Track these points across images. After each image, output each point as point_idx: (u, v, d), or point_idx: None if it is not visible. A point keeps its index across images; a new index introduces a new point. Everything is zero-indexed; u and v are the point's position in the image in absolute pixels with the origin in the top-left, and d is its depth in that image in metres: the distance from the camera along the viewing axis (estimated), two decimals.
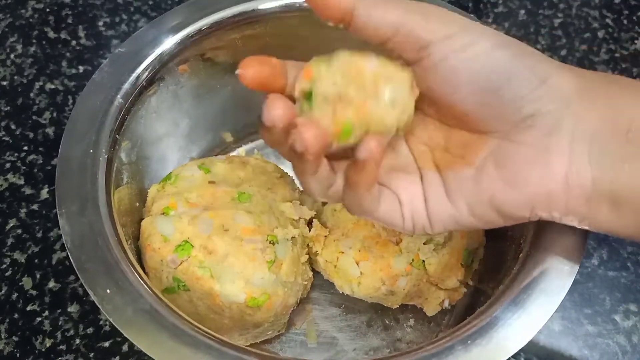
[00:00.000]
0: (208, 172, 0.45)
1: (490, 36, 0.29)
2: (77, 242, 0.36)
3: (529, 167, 0.30)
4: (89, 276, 0.35)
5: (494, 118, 0.30)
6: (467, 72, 0.29)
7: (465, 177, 0.32)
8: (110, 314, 0.34)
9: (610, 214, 0.30)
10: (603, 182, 0.29)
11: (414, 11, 0.29)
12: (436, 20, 0.29)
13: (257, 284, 0.40)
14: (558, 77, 0.30)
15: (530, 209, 0.31)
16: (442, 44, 0.29)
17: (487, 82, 0.29)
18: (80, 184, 0.39)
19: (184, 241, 0.40)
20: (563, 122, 0.30)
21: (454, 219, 0.32)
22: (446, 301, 0.45)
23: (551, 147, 0.30)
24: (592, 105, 0.30)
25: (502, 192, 0.31)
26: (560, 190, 0.30)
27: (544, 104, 0.29)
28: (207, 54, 0.48)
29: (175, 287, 0.40)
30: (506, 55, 0.29)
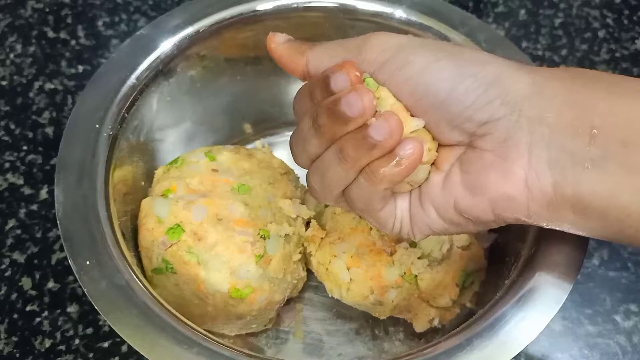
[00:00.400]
0: (213, 160, 0.46)
1: (427, 51, 0.30)
2: (68, 212, 0.37)
3: (488, 173, 0.30)
4: (73, 246, 0.36)
5: (451, 131, 0.30)
6: (407, 92, 0.30)
7: (435, 183, 0.32)
8: (85, 285, 0.35)
9: (575, 218, 0.29)
10: (565, 186, 0.29)
11: (351, 49, 0.31)
12: (371, 50, 0.30)
13: (243, 276, 0.40)
14: (508, 79, 0.29)
15: (492, 212, 0.31)
16: (380, 71, 0.30)
17: (430, 98, 0.30)
18: (82, 157, 0.40)
19: (176, 225, 0.41)
20: (519, 127, 0.29)
21: (427, 225, 0.33)
22: (436, 319, 0.44)
23: (509, 152, 0.29)
24: (549, 104, 0.29)
25: (464, 197, 0.31)
26: (520, 195, 0.30)
27: (495, 110, 0.29)
28: (227, 44, 0.48)
29: (164, 268, 0.41)
30: (443, 67, 0.29)
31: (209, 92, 0.51)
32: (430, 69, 0.29)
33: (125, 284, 0.35)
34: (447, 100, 0.29)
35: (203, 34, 0.46)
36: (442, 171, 0.32)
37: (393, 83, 0.30)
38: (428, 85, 0.29)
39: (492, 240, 0.45)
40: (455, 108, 0.29)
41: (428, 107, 0.30)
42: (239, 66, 0.50)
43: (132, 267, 0.37)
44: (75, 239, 0.36)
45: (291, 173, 0.48)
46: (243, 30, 0.48)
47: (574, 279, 0.35)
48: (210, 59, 0.48)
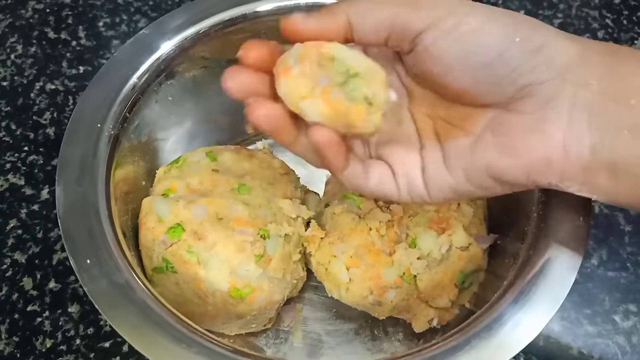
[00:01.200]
0: (214, 160, 0.46)
1: (478, 13, 0.30)
2: (69, 210, 0.38)
3: (526, 135, 0.30)
4: (73, 245, 0.36)
5: (490, 92, 0.31)
6: (456, 52, 0.30)
7: (464, 146, 0.32)
8: (85, 283, 0.35)
9: (608, 182, 0.30)
10: (602, 149, 0.29)
11: (402, 3, 0.30)
12: (424, 7, 0.30)
13: (242, 275, 0.41)
14: (554, 45, 0.30)
15: (526, 176, 0.31)
16: (432, 29, 0.29)
17: (478, 59, 0.30)
18: (83, 156, 0.40)
19: (176, 224, 0.41)
20: (561, 91, 0.29)
21: (452, 188, 0.33)
22: (435, 320, 0.44)
23: (549, 115, 0.30)
24: (591, 73, 0.29)
25: (498, 159, 0.31)
26: (557, 157, 0.30)
27: (540, 74, 0.29)
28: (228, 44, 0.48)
29: (164, 267, 0.41)
30: (495, 30, 0.29)
31: (210, 92, 0.51)
32: (482, 30, 0.29)
33: (125, 283, 0.35)
34: (494, 62, 0.29)
35: (204, 35, 0.46)
36: (472, 134, 0.32)
37: (443, 43, 0.30)
38: (477, 46, 0.29)
39: (492, 241, 0.45)
40: (500, 69, 0.30)
41: (473, 67, 0.30)
42: None
43: (132, 266, 0.37)
44: (75, 237, 0.37)
45: (291, 173, 0.48)
46: (244, 30, 0.48)
47: (573, 279, 0.35)
48: (211, 60, 0.48)
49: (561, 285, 0.35)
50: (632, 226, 0.52)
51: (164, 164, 0.48)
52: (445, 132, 0.33)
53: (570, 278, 0.35)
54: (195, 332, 0.35)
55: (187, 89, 0.49)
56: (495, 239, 0.45)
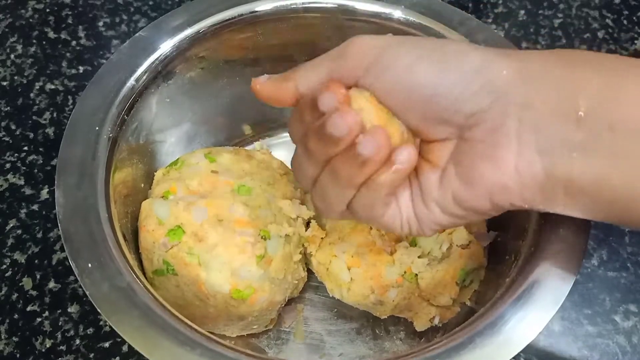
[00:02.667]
0: (213, 162, 0.46)
1: (408, 51, 0.30)
2: (68, 214, 0.37)
3: (480, 163, 0.30)
4: (74, 248, 0.36)
5: (441, 125, 0.31)
6: (395, 92, 0.30)
7: (432, 180, 0.32)
8: (87, 287, 0.35)
9: (567, 201, 0.30)
10: (555, 172, 0.29)
11: (334, 57, 0.32)
12: (354, 56, 0.31)
13: (244, 276, 0.41)
14: (492, 67, 0.29)
15: (489, 202, 0.31)
16: (366, 75, 0.31)
17: (417, 96, 0.30)
18: (82, 159, 0.40)
19: (176, 226, 0.41)
20: (506, 115, 0.29)
21: (434, 222, 0.33)
22: (437, 318, 0.44)
23: (499, 141, 0.30)
24: (534, 89, 0.29)
25: (460, 189, 0.31)
26: (512, 182, 0.30)
27: (481, 100, 0.29)
28: (226, 45, 0.48)
29: (165, 270, 0.41)
30: (426, 65, 0.30)
31: (209, 93, 0.51)
32: (414, 67, 0.30)
33: (127, 286, 0.35)
34: (433, 96, 0.30)
35: (203, 35, 0.46)
36: (439, 167, 0.32)
37: (379, 86, 0.30)
38: (413, 83, 0.30)
39: (492, 239, 0.45)
40: (442, 102, 0.30)
41: (416, 105, 0.30)
42: (238, 67, 0.50)
43: (133, 269, 0.37)
44: (76, 241, 0.36)
45: (290, 174, 0.48)
46: (242, 31, 0.48)
47: (574, 278, 0.35)
48: (209, 61, 0.48)
49: (563, 283, 0.35)
50: None
51: (163, 166, 0.47)
52: (419, 167, 0.33)
53: (572, 276, 0.35)
54: (198, 334, 0.35)
55: (185, 90, 0.49)
56: (495, 236, 0.45)
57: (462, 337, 0.34)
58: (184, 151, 0.49)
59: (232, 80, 0.51)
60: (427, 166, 0.33)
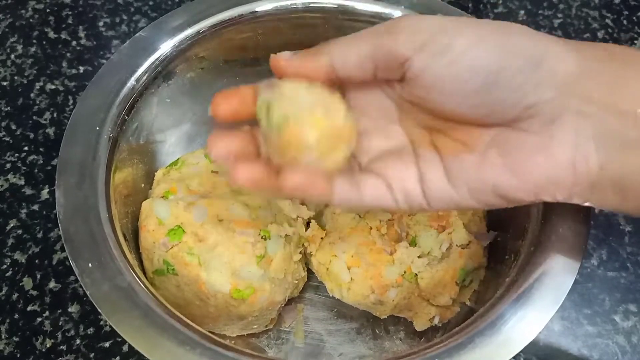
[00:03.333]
0: (213, 162, 0.46)
1: (466, 32, 0.28)
2: (69, 214, 0.37)
3: (533, 156, 0.29)
4: (74, 248, 0.36)
5: (492, 115, 0.29)
6: (451, 78, 0.28)
7: (467, 163, 0.31)
8: (87, 287, 0.35)
9: (616, 197, 0.29)
10: (610, 168, 0.28)
11: (381, 33, 0.29)
12: (405, 34, 0.28)
13: (244, 276, 0.41)
14: (554, 56, 0.28)
15: (534, 195, 0.30)
16: (419, 55, 0.28)
17: (475, 84, 0.28)
18: (82, 159, 0.40)
19: (176, 226, 0.41)
20: (566, 108, 0.28)
21: (454, 201, 0.32)
22: (437, 318, 0.44)
23: (555, 134, 0.29)
24: (594, 84, 0.28)
25: (506, 180, 0.30)
26: (565, 177, 0.29)
27: (543, 91, 0.28)
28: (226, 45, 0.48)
29: (165, 269, 0.41)
30: (488, 50, 0.28)
31: (209, 93, 0.50)
32: (475, 50, 0.28)
33: (128, 286, 0.35)
34: (494, 83, 0.28)
35: (203, 36, 0.46)
36: (475, 151, 0.31)
37: (434, 68, 0.28)
38: (473, 67, 0.28)
39: (492, 239, 0.45)
40: (501, 92, 0.28)
41: (471, 92, 0.28)
42: (238, 67, 0.50)
43: (133, 269, 0.37)
44: (76, 241, 0.37)
45: None
46: (242, 31, 0.48)
47: (573, 278, 0.35)
48: (209, 61, 0.49)
49: (562, 282, 0.35)
50: (632, 226, 0.52)
51: (163, 166, 0.48)
52: (444, 146, 0.32)
53: (572, 275, 0.35)
54: (198, 333, 0.35)
55: (185, 90, 0.49)
56: (495, 236, 0.45)
57: (462, 337, 0.34)
58: (184, 151, 0.50)
59: (232, 80, 0.51)
60: (459, 148, 0.31)
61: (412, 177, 0.32)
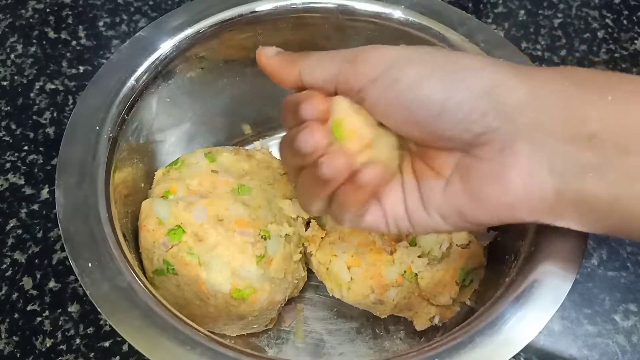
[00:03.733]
0: (213, 161, 0.46)
1: (418, 66, 0.30)
2: (69, 213, 0.37)
3: (487, 183, 0.30)
4: (74, 247, 0.36)
5: (448, 140, 0.30)
6: (401, 107, 0.30)
7: (435, 188, 0.32)
8: (87, 287, 0.35)
9: (578, 218, 0.30)
10: (566, 192, 0.29)
11: (345, 59, 0.31)
12: (363, 64, 0.30)
13: (244, 276, 0.41)
14: (503, 88, 0.29)
15: (496, 218, 0.31)
16: (371, 87, 0.30)
17: (422, 114, 0.30)
18: (82, 159, 0.40)
19: (176, 226, 0.41)
20: (516, 136, 0.29)
21: (431, 227, 0.33)
22: (437, 317, 0.44)
23: (507, 161, 0.29)
24: (546, 112, 0.29)
25: (467, 205, 0.31)
26: (520, 202, 0.30)
27: (491, 120, 0.29)
28: (226, 45, 0.48)
29: (165, 269, 0.41)
30: (433, 83, 0.29)
31: (208, 93, 0.51)
32: (421, 84, 0.29)
33: (128, 286, 0.35)
34: (440, 114, 0.29)
35: (203, 35, 0.46)
36: (443, 177, 0.32)
37: (384, 99, 0.30)
38: (420, 100, 0.29)
39: (492, 239, 0.45)
40: (449, 121, 0.29)
41: (422, 121, 0.30)
42: (238, 67, 0.50)
43: (133, 269, 0.37)
44: (76, 240, 0.36)
45: None
46: (242, 31, 0.48)
47: (574, 277, 0.35)
48: (209, 60, 0.48)
49: (562, 282, 0.35)
50: None
51: (163, 165, 0.47)
52: (420, 171, 0.33)
53: (572, 275, 0.35)
54: (198, 333, 0.35)
55: (185, 90, 0.49)
56: (495, 236, 0.45)
57: (462, 337, 0.34)
58: (184, 151, 0.50)
59: (232, 80, 0.51)
60: (430, 173, 0.32)
61: (400, 202, 0.33)
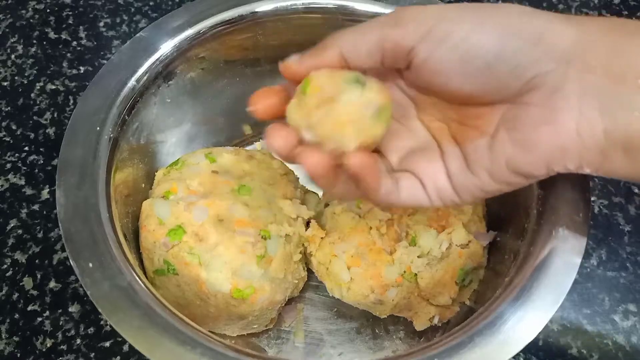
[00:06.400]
0: (213, 162, 0.46)
1: (466, 19, 0.30)
2: (69, 214, 0.37)
3: (539, 128, 0.30)
4: (75, 248, 0.36)
5: (496, 91, 0.31)
6: (453, 60, 0.30)
7: (482, 146, 0.32)
8: (87, 287, 0.35)
9: (624, 161, 0.30)
10: (615, 131, 0.29)
11: (387, 23, 0.31)
12: (410, 23, 0.30)
13: (244, 276, 0.41)
14: (552, 32, 0.30)
15: (546, 166, 0.31)
16: (423, 43, 0.30)
17: (477, 64, 0.30)
18: (83, 159, 0.40)
19: (177, 226, 0.41)
20: (567, 78, 0.29)
21: (480, 188, 0.33)
22: (436, 317, 0.44)
23: (558, 104, 0.30)
24: (594, 56, 0.29)
25: (516, 155, 0.31)
26: (572, 144, 0.30)
27: (543, 64, 0.29)
28: (226, 46, 0.49)
29: (165, 269, 0.41)
30: (486, 34, 0.29)
31: (209, 93, 0.51)
32: (475, 34, 0.29)
33: (128, 286, 0.35)
34: (494, 63, 0.29)
35: (203, 36, 0.46)
36: (486, 133, 0.32)
37: (437, 54, 0.30)
38: (474, 50, 0.29)
39: (492, 238, 0.45)
40: (503, 69, 0.30)
41: (474, 72, 0.30)
42: (238, 68, 0.51)
43: (134, 269, 0.37)
44: (77, 240, 0.37)
45: (290, 174, 0.48)
46: (243, 32, 0.48)
47: (574, 275, 0.35)
48: (209, 61, 0.49)
49: (562, 281, 0.35)
50: (631, 226, 0.52)
51: (163, 166, 0.48)
52: (461, 134, 0.33)
53: (571, 274, 0.35)
54: (198, 333, 0.35)
55: (185, 91, 0.49)
56: (494, 236, 0.45)
57: (462, 337, 0.34)
58: (185, 151, 0.50)
59: (233, 81, 0.51)
60: (473, 134, 0.33)
61: (441, 173, 0.33)
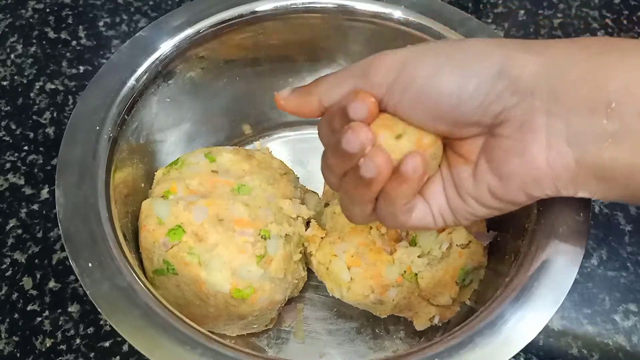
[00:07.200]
0: (213, 161, 0.46)
1: (427, 62, 0.31)
2: (69, 213, 0.37)
3: (511, 160, 0.31)
4: (74, 247, 0.36)
5: (470, 127, 0.32)
6: (420, 106, 0.31)
7: (466, 174, 0.33)
8: (87, 287, 0.35)
9: (600, 187, 0.30)
10: (586, 161, 0.29)
11: (357, 75, 0.32)
12: (375, 75, 0.31)
13: (244, 276, 0.41)
14: (514, 64, 0.30)
15: (524, 194, 0.32)
16: (390, 93, 0.31)
17: (442, 107, 0.31)
18: (82, 159, 0.40)
19: (177, 226, 0.41)
20: (534, 110, 0.30)
21: (470, 213, 0.34)
22: (437, 317, 0.44)
23: (527, 137, 0.30)
24: (562, 83, 0.29)
25: (494, 184, 0.32)
26: (544, 175, 0.30)
27: (507, 99, 0.30)
28: (226, 45, 0.49)
29: (165, 269, 0.41)
30: (446, 75, 0.30)
31: (209, 93, 0.51)
32: (435, 78, 0.30)
33: (128, 286, 0.35)
34: (458, 103, 0.30)
35: (203, 35, 0.46)
36: (471, 162, 0.33)
37: (405, 101, 0.31)
38: (437, 94, 0.30)
39: (492, 238, 0.45)
40: (468, 108, 0.30)
41: (443, 114, 0.31)
42: (238, 67, 0.51)
43: (133, 269, 0.37)
44: (76, 240, 0.37)
45: (290, 173, 0.48)
46: (242, 31, 0.48)
47: (574, 275, 0.35)
48: (209, 60, 0.49)
49: (562, 281, 0.35)
50: (632, 226, 0.52)
51: (163, 165, 0.47)
52: (450, 161, 0.34)
53: (572, 274, 0.35)
54: (198, 333, 0.35)
55: (185, 90, 0.49)
56: (495, 236, 0.45)
57: (462, 337, 0.34)
58: (184, 151, 0.50)
59: (232, 80, 0.51)
60: (459, 161, 0.33)
61: (442, 196, 0.34)
